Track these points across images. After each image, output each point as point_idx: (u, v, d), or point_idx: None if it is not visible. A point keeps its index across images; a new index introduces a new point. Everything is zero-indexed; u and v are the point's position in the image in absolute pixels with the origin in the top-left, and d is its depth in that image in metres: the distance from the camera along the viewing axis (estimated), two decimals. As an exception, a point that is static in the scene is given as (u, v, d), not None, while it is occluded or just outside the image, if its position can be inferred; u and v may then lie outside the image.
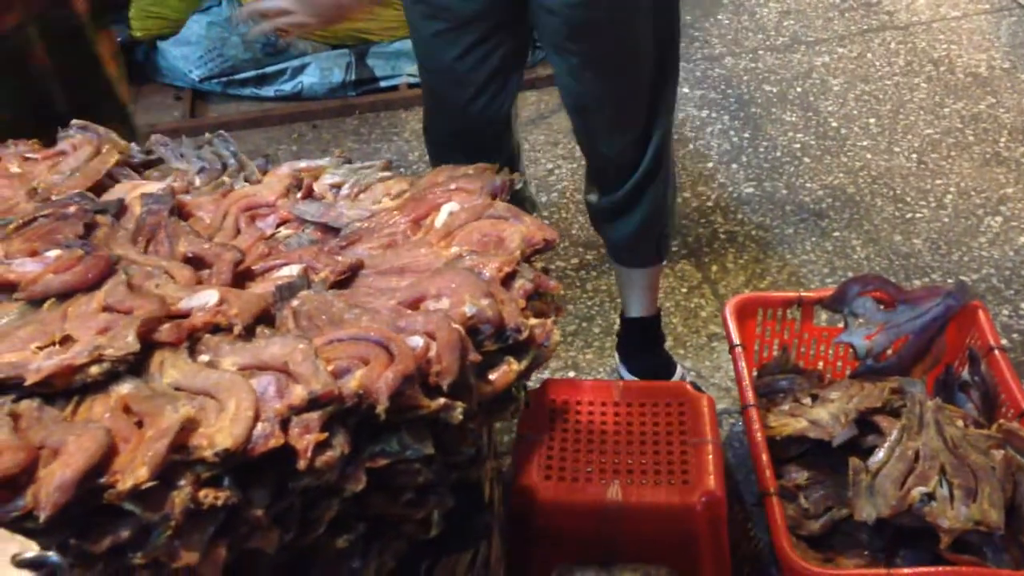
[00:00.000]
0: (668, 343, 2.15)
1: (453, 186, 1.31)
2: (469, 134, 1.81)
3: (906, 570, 1.43)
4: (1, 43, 1.64)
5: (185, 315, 1.02)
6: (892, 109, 3.00)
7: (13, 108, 1.68)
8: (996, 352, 1.71)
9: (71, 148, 1.40)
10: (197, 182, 1.37)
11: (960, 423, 1.64)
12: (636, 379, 2.06)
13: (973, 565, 1.41)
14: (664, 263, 2.03)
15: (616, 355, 2.14)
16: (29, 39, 1.65)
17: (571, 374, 2.18)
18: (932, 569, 1.41)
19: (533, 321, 1.08)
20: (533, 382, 1.85)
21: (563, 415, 1.66)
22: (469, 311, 1.04)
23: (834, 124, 2.95)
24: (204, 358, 0.97)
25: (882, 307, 1.82)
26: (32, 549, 0.58)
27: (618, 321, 2.27)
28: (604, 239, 1.99)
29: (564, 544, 1.54)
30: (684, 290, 2.39)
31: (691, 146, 2.90)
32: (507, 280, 1.13)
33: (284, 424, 0.88)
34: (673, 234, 2.00)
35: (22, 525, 0.78)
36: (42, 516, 0.78)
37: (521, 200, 2.02)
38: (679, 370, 2.10)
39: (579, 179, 2.80)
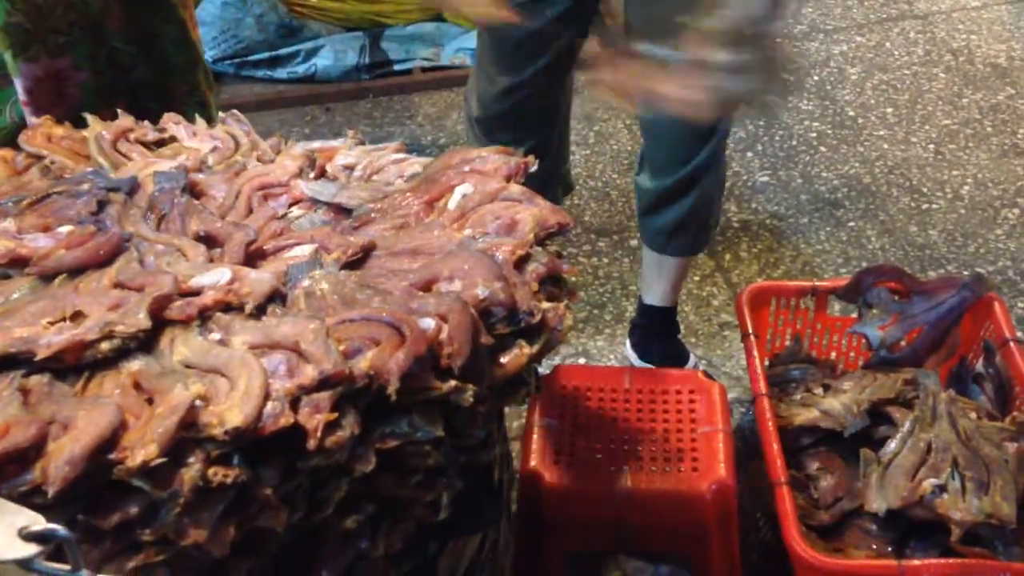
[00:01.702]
0: (680, 331, 2.14)
1: (467, 168, 1.30)
2: (522, 110, 1.83)
3: (916, 562, 1.41)
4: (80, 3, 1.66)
5: (196, 293, 1.02)
6: (910, 99, 2.97)
7: (91, 69, 1.69)
8: (1012, 344, 1.70)
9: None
10: (210, 161, 1.36)
11: (973, 415, 1.63)
12: (648, 366, 2.06)
13: (984, 558, 1.40)
14: (698, 254, 2.01)
15: (628, 341, 2.13)
16: (106, 2, 1.65)
17: (582, 361, 2.17)
18: (942, 561, 1.40)
19: (546, 305, 1.07)
20: (544, 368, 1.84)
21: (574, 401, 1.66)
22: (482, 294, 1.03)
23: (851, 113, 2.93)
24: (215, 336, 0.97)
25: (897, 298, 1.81)
26: (40, 522, 0.57)
27: (629, 308, 2.27)
28: (644, 225, 1.96)
29: (573, 530, 1.54)
30: (696, 278, 2.38)
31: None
32: (520, 263, 1.12)
33: (294, 403, 0.88)
34: (715, 226, 1.98)
35: (31, 499, 0.78)
36: (50, 491, 0.78)
37: (556, 180, 2.03)
38: (692, 359, 2.09)
39: (592, 166, 2.79)
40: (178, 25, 1.77)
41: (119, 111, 1.46)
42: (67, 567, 0.57)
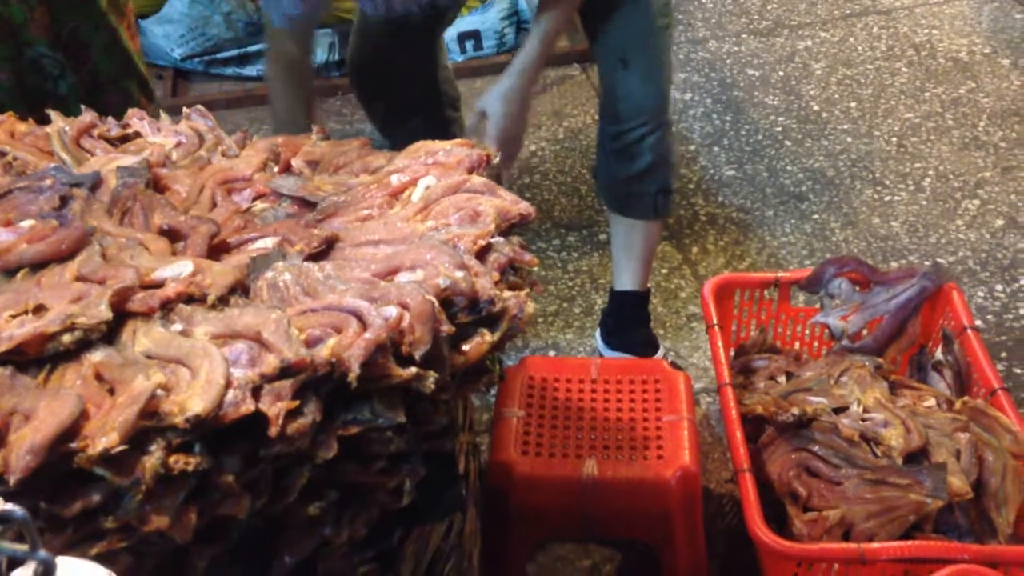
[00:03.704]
0: (651, 321, 2.16)
1: (430, 161, 1.31)
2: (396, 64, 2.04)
3: (875, 545, 1.44)
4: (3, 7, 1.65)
5: (159, 285, 1.03)
6: (873, 93, 3.01)
7: (11, 71, 1.68)
8: (969, 332, 1.73)
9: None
10: (174, 156, 1.36)
11: (932, 402, 1.67)
12: (617, 356, 2.07)
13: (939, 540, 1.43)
14: (660, 221, 2.04)
15: (598, 333, 2.15)
16: (29, 6, 1.64)
17: (551, 353, 2.19)
18: (900, 544, 1.42)
19: (507, 294, 1.08)
20: (513, 361, 1.86)
21: (541, 392, 1.68)
22: (443, 283, 1.05)
23: (815, 108, 2.97)
24: (177, 327, 0.97)
25: (858, 288, 1.84)
26: (-3, 504, 0.58)
27: (599, 302, 2.29)
28: (606, 182, 2.00)
29: (541, 519, 1.56)
30: (664, 271, 2.40)
31: (673, 129, 2.90)
32: (482, 253, 1.13)
33: (256, 392, 0.89)
34: (672, 194, 2.02)
35: (-8, 489, 0.78)
36: (12, 479, 0.79)
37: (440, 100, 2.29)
38: (661, 349, 2.11)
39: (561, 161, 2.81)
40: (108, 32, 1.76)
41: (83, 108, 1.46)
42: (26, 547, 0.58)
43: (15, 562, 0.59)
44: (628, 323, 2.11)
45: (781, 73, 3.14)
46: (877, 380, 1.68)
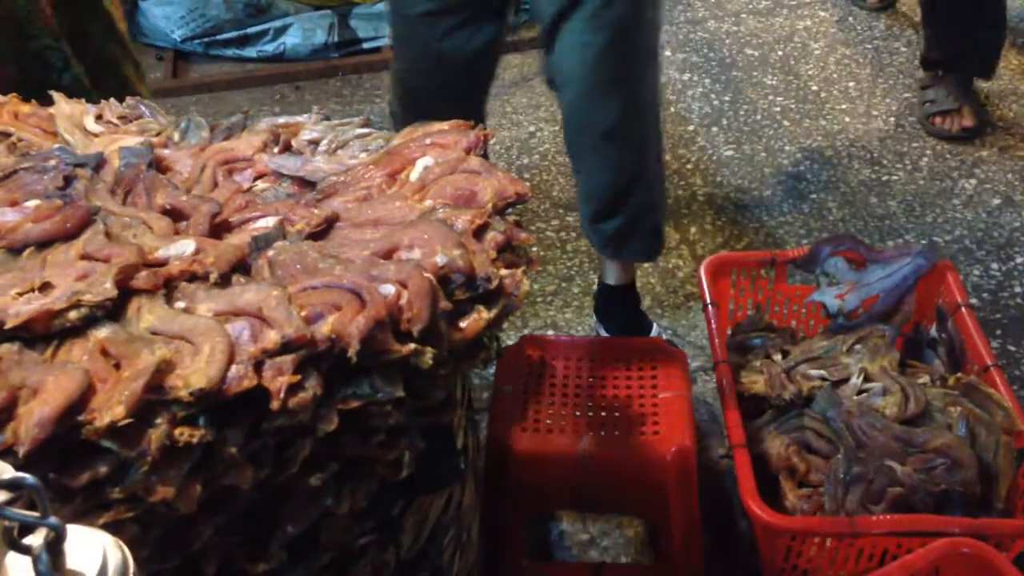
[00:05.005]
0: (646, 303, 2.18)
1: (428, 141, 1.33)
2: (440, 98, 1.84)
3: (869, 518, 1.47)
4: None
5: (162, 264, 1.05)
6: (872, 73, 3.02)
7: (16, 65, 1.69)
8: (963, 309, 1.75)
9: None
10: (176, 137, 1.38)
11: (926, 379, 1.69)
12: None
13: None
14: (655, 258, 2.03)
15: (594, 315, 2.18)
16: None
17: (550, 332, 2.21)
18: (891, 517, 1.45)
19: (503, 271, 1.10)
20: (512, 340, 1.88)
21: (539, 369, 1.70)
22: (441, 261, 1.07)
23: (814, 88, 2.97)
24: (180, 304, 0.99)
25: (853, 266, 1.86)
26: (9, 471, 0.60)
27: (597, 282, 2.31)
28: (591, 237, 1.98)
29: (538, 494, 1.58)
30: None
31: (672, 109, 2.92)
32: (479, 232, 1.15)
33: (258, 366, 0.91)
34: (662, 232, 1.99)
35: (3, 460, 0.80)
36: (21, 451, 0.81)
37: None
38: (655, 329, 2.14)
39: (560, 142, 2.81)
40: (104, 18, 1.77)
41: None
42: (37, 514, 0.60)
43: (26, 529, 0.61)
44: (619, 307, 2.13)
45: (780, 53, 3.15)
46: (891, 350, 1.70)
